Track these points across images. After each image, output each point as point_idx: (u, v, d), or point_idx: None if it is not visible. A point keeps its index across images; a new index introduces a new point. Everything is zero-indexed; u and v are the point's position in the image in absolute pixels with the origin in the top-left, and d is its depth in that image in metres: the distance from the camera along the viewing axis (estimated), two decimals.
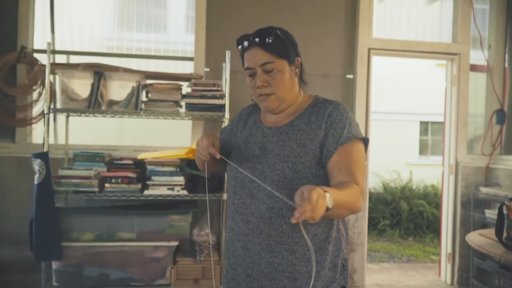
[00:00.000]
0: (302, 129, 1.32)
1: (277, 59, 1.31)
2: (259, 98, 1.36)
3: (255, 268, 1.28)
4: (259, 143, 1.36)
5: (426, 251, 5.62)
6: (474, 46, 3.96)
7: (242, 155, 1.37)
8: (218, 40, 3.54)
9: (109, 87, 2.98)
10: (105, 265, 2.92)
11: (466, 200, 3.81)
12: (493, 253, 1.89)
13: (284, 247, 1.26)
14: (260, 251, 1.27)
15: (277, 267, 1.26)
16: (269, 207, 1.27)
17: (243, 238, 1.30)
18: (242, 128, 1.46)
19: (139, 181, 2.95)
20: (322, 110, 1.34)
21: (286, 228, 1.26)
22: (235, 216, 1.34)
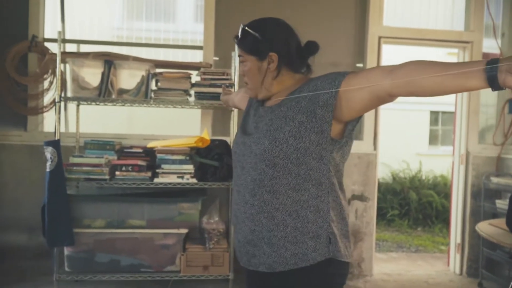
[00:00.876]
0: (289, 106, 1.36)
1: (245, 55, 1.44)
2: None
3: (242, 234, 1.40)
4: (254, 122, 1.46)
5: (435, 241, 5.61)
6: (487, 35, 3.90)
7: (241, 132, 1.50)
8: (227, 28, 3.53)
9: (119, 76, 3.00)
10: (116, 251, 2.97)
11: (477, 190, 3.79)
12: (503, 243, 1.88)
13: (264, 215, 1.34)
14: (245, 219, 1.38)
15: (258, 234, 1.36)
16: (253, 179, 1.36)
17: (235, 207, 1.44)
18: (248, 110, 1.55)
19: (149, 169, 2.98)
20: (313, 82, 1.38)
21: (267, 197, 1.34)
22: (234, 187, 1.47)
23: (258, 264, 1.36)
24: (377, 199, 3.86)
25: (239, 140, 1.47)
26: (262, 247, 1.35)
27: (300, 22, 3.45)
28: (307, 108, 1.32)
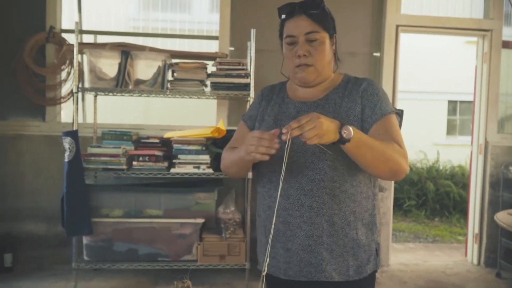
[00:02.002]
0: (337, 103, 1.32)
1: (321, 30, 1.31)
2: (296, 69, 1.34)
3: (295, 241, 1.28)
4: (293, 118, 1.28)
5: (452, 232, 5.56)
6: (506, 23, 3.81)
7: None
8: (243, 19, 3.51)
9: (136, 66, 3.02)
10: (133, 240, 3.01)
11: (495, 180, 3.73)
12: None
13: (325, 218, 1.26)
14: (301, 223, 1.27)
15: (317, 239, 1.27)
16: (310, 179, 1.26)
17: (283, 213, 1.29)
18: (266, 107, 1.42)
19: (166, 159, 3.00)
20: (356, 86, 1.35)
21: (327, 200, 1.26)
22: (273, 193, 1.30)
23: (314, 273, 1.28)
24: (394, 189, 3.84)
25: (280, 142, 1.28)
26: (321, 253, 1.27)
27: None
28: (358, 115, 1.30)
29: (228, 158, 1.39)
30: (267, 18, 3.53)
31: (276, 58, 3.92)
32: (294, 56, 1.32)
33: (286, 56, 1.36)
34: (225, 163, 1.42)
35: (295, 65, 1.33)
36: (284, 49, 1.37)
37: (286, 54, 1.36)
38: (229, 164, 1.39)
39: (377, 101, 1.31)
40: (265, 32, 3.45)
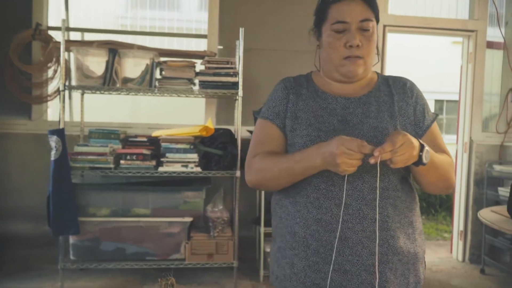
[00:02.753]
0: (386, 101, 1.19)
1: (373, 18, 1.15)
2: (345, 61, 1.15)
3: (355, 260, 1.07)
4: (338, 115, 1.16)
5: (439, 229, 5.64)
6: (491, 23, 3.87)
7: (316, 130, 1.14)
8: (232, 17, 3.52)
9: (124, 64, 3.00)
10: (121, 239, 3.00)
11: (480, 178, 3.79)
12: (504, 229, 1.90)
13: (390, 234, 1.10)
14: (363, 239, 1.07)
15: (382, 257, 1.09)
16: (372, 187, 1.08)
17: (343, 226, 1.07)
18: (297, 102, 1.20)
19: (154, 158, 2.99)
20: (399, 84, 1.23)
21: (391, 212, 1.10)
22: (324, 203, 1.09)
23: None
24: None
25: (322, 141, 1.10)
26: (385, 274, 1.09)
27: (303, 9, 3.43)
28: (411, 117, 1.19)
29: (275, 167, 1.11)
30: (255, 17, 3.55)
31: (264, 56, 3.96)
32: (342, 46, 1.14)
33: (331, 45, 1.15)
34: (268, 175, 1.13)
35: (343, 56, 1.15)
36: (326, 37, 1.17)
37: (330, 43, 1.15)
38: (277, 175, 1.12)
39: (425, 105, 1.22)
40: (253, 31, 3.47)
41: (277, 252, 1.17)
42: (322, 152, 1.02)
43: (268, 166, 1.13)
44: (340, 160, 0.97)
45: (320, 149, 1.03)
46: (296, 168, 1.08)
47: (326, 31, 1.17)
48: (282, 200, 1.18)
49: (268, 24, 3.55)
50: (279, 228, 1.19)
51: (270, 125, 1.21)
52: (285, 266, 1.14)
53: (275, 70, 3.50)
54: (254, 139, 1.23)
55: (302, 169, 1.07)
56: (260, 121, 1.24)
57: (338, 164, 0.98)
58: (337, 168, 0.99)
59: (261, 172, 1.14)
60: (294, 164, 1.08)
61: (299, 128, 1.15)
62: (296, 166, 1.08)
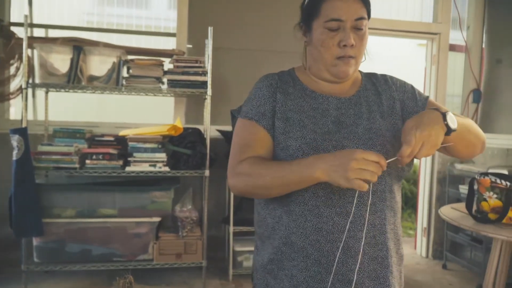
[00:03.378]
0: (375, 101, 1.15)
1: (366, 17, 1.09)
2: (337, 60, 1.09)
3: (359, 269, 1.03)
4: (331, 116, 1.10)
5: (404, 226, 5.78)
6: (453, 27, 4.01)
7: (311, 132, 1.07)
8: (201, 16, 3.50)
9: (89, 62, 2.95)
10: (87, 241, 2.94)
11: (442, 177, 3.93)
12: (463, 225, 1.97)
13: (389, 237, 1.08)
14: (365, 246, 1.04)
15: (382, 261, 1.06)
16: (371, 191, 1.04)
17: (341, 237, 1.02)
18: (285, 101, 1.11)
19: (121, 157, 2.95)
20: (382, 80, 1.21)
21: (388, 214, 1.08)
22: (324, 211, 1.03)
23: None
24: None
25: (325, 145, 1.05)
26: (387, 278, 1.07)
27: (273, 9, 3.46)
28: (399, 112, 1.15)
29: (268, 175, 1.01)
30: (225, 15, 3.55)
31: (234, 56, 3.96)
32: (335, 45, 1.07)
33: (323, 43, 1.08)
34: (258, 182, 1.02)
35: (336, 55, 1.08)
36: (319, 34, 1.09)
37: (322, 41, 1.08)
38: (269, 184, 1.01)
39: (410, 89, 1.20)
40: (223, 30, 3.47)
41: (271, 264, 1.09)
42: (328, 164, 0.92)
43: (259, 173, 1.02)
44: (355, 173, 0.88)
45: (323, 160, 0.94)
46: (291, 178, 0.98)
47: (318, 28, 1.08)
48: (275, 210, 1.09)
49: (237, 23, 3.56)
50: (271, 239, 1.09)
51: (255, 126, 1.10)
52: (283, 278, 1.06)
53: (245, 70, 3.51)
54: (238, 141, 1.12)
55: (298, 180, 0.98)
56: (243, 121, 1.13)
57: (350, 176, 0.88)
58: (344, 180, 0.90)
59: (251, 179, 1.03)
60: (290, 174, 0.98)
61: (292, 130, 1.07)
62: (292, 176, 0.98)
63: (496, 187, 2.00)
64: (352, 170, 0.88)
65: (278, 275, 1.07)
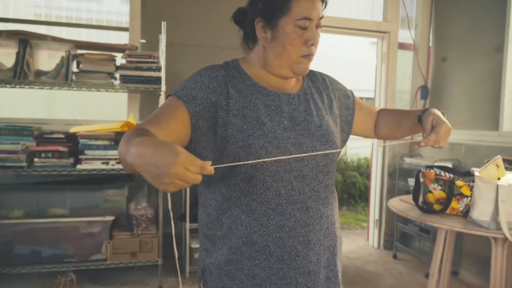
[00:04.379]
0: (317, 98, 1.20)
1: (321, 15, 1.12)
2: (302, 58, 1.10)
3: (316, 260, 1.08)
4: (284, 112, 1.11)
5: (358, 219, 5.97)
6: (402, 26, 4.17)
7: (271, 130, 1.06)
8: (154, 11, 3.44)
9: (36, 56, 2.83)
10: (36, 242, 2.84)
11: (392, 170, 4.08)
12: (410, 216, 2.06)
13: (337, 226, 1.16)
14: (321, 237, 1.09)
15: (333, 250, 1.13)
16: (325, 185, 1.10)
17: (302, 231, 1.06)
18: (238, 98, 1.08)
19: (72, 155, 2.86)
20: (320, 79, 1.26)
21: (335, 205, 1.16)
22: (287, 209, 1.05)
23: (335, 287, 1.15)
24: None
25: (285, 142, 1.05)
26: (336, 266, 1.14)
27: (228, 5, 3.46)
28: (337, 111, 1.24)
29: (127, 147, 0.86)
30: (179, 11, 3.51)
31: (189, 51, 3.93)
32: (303, 43, 1.08)
33: (293, 41, 1.07)
34: (121, 151, 0.90)
35: (301, 54, 1.09)
36: (288, 32, 1.07)
37: (292, 39, 1.07)
38: (122, 157, 0.90)
39: (343, 88, 1.30)
40: (177, 25, 3.43)
41: (228, 265, 1.06)
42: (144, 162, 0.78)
43: (125, 143, 0.88)
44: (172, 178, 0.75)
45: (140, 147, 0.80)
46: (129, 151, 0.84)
47: (287, 26, 1.06)
48: (230, 210, 1.06)
49: (192, 19, 3.53)
50: (227, 239, 1.07)
51: (179, 105, 1.03)
52: (243, 279, 1.05)
53: (199, 66, 3.46)
54: (155, 112, 1.04)
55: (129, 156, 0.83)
56: (171, 98, 1.06)
57: (165, 183, 0.75)
58: (160, 182, 0.76)
59: (122, 145, 0.90)
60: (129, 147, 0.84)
61: (251, 128, 1.04)
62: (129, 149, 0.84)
63: (440, 179, 2.10)
64: (169, 181, 0.75)
65: (237, 275, 1.05)
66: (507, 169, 2.12)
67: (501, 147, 3.07)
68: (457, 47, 3.74)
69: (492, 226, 1.83)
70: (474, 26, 3.53)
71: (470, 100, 3.56)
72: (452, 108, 3.78)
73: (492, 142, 3.19)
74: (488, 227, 1.85)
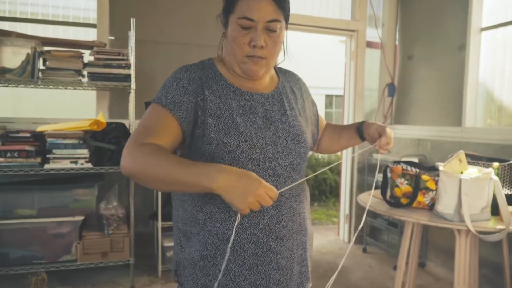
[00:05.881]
0: (292, 98, 1.23)
1: (282, 19, 1.10)
2: (246, 58, 1.10)
3: (289, 255, 1.11)
4: (258, 112, 1.13)
5: (329, 214, 6.07)
6: (370, 24, 4.26)
7: (246, 130, 1.08)
8: (123, 7, 3.39)
9: (1, 53, 2.75)
10: (3, 244, 2.76)
11: (362, 166, 4.17)
12: (378, 210, 2.12)
13: (308, 222, 1.19)
14: (293, 234, 1.12)
15: (304, 245, 1.17)
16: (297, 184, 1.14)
17: (275, 228, 1.08)
18: (214, 99, 1.10)
19: (39, 154, 2.79)
20: (294, 79, 1.31)
21: (305, 203, 1.18)
22: (263, 207, 1.03)
23: (305, 283, 1.18)
24: None
25: (260, 142, 1.08)
26: (307, 260, 1.19)
27: (199, 2, 3.44)
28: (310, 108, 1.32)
29: (162, 169, 0.94)
30: (148, 7, 3.47)
31: (159, 49, 3.89)
32: (246, 43, 1.09)
33: (235, 39, 1.09)
34: (150, 172, 0.95)
35: (245, 53, 1.10)
36: (232, 30, 1.10)
37: (234, 38, 1.09)
38: (161, 178, 0.95)
39: (310, 95, 1.36)
40: (147, 22, 3.39)
41: (202, 261, 1.07)
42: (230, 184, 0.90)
43: (156, 163, 0.95)
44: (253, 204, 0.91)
45: (224, 176, 0.90)
46: (185, 180, 0.92)
47: (232, 23, 1.09)
48: (205, 207, 1.08)
49: (161, 16, 3.50)
50: (201, 236, 1.08)
51: (167, 114, 1.06)
52: (217, 274, 1.06)
53: (170, 63, 3.46)
54: (145, 124, 1.06)
55: (191, 184, 0.92)
56: (156, 106, 1.08)
57: (250, 201, 0.90)
58: (244, 201, 0.90)
59: (146, 165, 0.95)
60: (186, 176, 0.92)
61: (227, 127, 1.06)
62: (187, 178, 0.92)
63: (406, 174, 2.17)
64: (252, 201, 0.90)
65: (211, 271, 1.07)
66: (470, 163, 2.21)
67: (464, 142, 3.19)
68: (422, 45, 3.86)
69: (456, 219, 1.91)
70: (438, 25, 3.65)
71: (435, 97, 3.68)
72: (418, 105, 3.89)
73: (456, 138, 3.32)
74: (452, 219, 1.92)
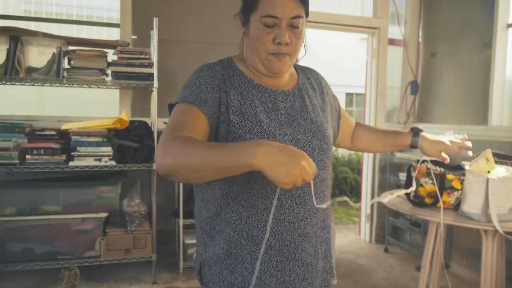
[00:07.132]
0: (312, 95, 1.23)
1: (303, 15, 1.10)
2: (271, 56, 1.10)
3: (313, 252, 1.12)
4: (280, 109, 1.13)
5: (349, 214, 6.02)
6: (392, 22, 4.20)
7: (269, 127, 1.08)
8: (145, 7, 3.43)
9: (27, 53, 2.81)
10: (29, 239, 2.83)
11: (384, 165, 4.12)
12: (401, 209, 2.09)
13: (331, 219, 1.21)
14: (317, 230, 1.13)
15: (329, 242, 1.19)
16: (320, 180, 1.13)
17: (301, 225, 1.08)
18: (236, 95, 1.10)
19: (64, 152, 2.85)
20: (314, 75, 1.30)
21: (329, 198, 1.19)
22: (285, 203, 1.07)
23: (329, 279, 1.19)
24: None
25: (283, 139, 1.08)
26: (331, 257, 1.20)
27: (215, 3, 3.45)
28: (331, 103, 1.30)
29: (199, 155, 0.87)
30: (169, 7, 3.50)
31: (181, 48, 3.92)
32: (271, 41, 1.08)
33: (258, 38, 1.08)
34: (188, 162, 0.88)
35: (270, 51, 1.09)
36: (255, 29, 1.09)
37: (258, 36, 1.08)
38: (200, 165, 0.87)
39: (331, 90, 1.34)
40: (169, 21, 3.42)
41: (228, 259, 1.08)
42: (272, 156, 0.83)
43: (190, 152, 0.88)
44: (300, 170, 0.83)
45: (264, 150, 0.83)
46: (225, 161, 0.86)
47: (254, 22, 1.08)
48: (230, 205, 1.07)
49: (183, 15, 3.53)
50: (226, 234, 1.08)
51: (195, 110, 1.03)
52: (243, 272, 1.06)
53: (191, 62, 3.49)
54: (174, 121, 1.02)
55: (231, 164, 0.85)
56: (182, 105, 1.05)
57: (294, 174, 0.82)
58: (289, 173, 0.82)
59: (181, 157, 0.88)
60: (225, 156, 0.86)
61: (250, 124, 1.05)
62: (226, 158, 0.85)
63: (431, 173, 2.13)
64: (298, 170, 0.83)
65: (237, 269, 1.07)
66: (497, 162, 2.15)
67: (490, 141, 3.12)
68: (446, 42, 3.79)
69: (483, 219, 1.87)
70: (463, 22, 3.58)
71: (459, 95, 3.60)
72: (442, 103, 3.82)
73: (482, 136, 3.24)
74: (478, 219, 1.88)
